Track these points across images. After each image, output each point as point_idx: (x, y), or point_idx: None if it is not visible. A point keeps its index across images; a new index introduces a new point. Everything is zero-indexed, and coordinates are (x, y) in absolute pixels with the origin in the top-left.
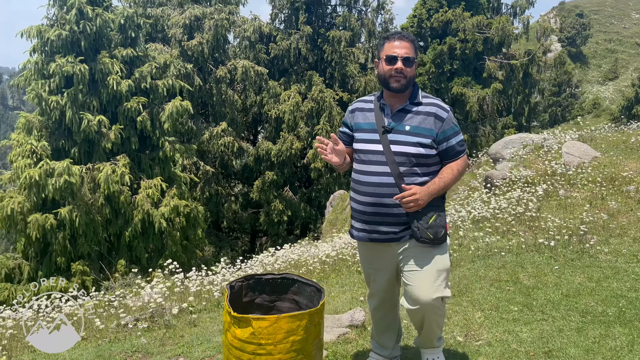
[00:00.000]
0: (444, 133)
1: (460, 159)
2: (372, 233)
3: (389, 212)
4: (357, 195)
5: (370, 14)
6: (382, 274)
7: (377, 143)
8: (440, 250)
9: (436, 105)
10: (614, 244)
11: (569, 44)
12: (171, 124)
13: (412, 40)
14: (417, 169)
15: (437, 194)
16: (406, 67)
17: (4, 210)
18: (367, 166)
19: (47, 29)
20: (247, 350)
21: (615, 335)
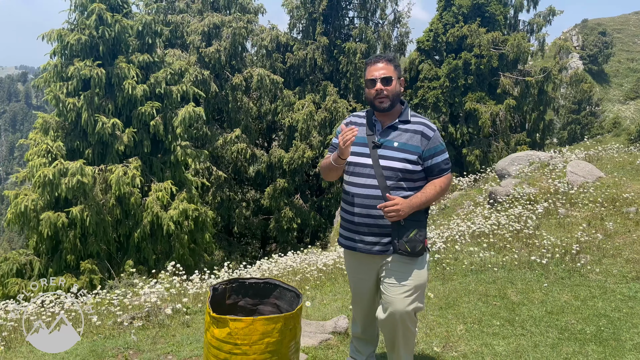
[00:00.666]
0: (430, 151)
1: (444, 176)
2: (358, 243)
3: (376, 223)
4: (347, 206)
5: (386, 27)
6: (365, 283)
7: (367, 157)
8: (419, 265)
9: (423, 124)
10: (606, 264)
11: (591, 62)
12: (183, 129)
13: (390, 59)
14: (403, 184)
15: (418, 207)
16: (385, 86)
17: (18, 207)
18: (356, 178)
19: (68, 33)
20: (224, 349)
21: (587, 352)
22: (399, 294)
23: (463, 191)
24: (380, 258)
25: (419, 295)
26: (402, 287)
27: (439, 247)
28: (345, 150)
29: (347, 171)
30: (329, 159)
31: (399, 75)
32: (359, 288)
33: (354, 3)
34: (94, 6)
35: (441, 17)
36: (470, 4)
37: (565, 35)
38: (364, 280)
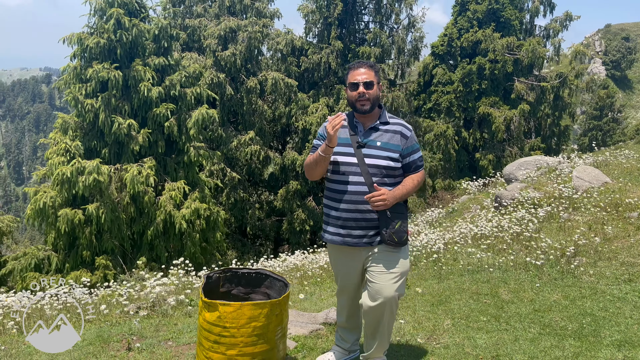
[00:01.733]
0: (408, 149)
1: (419, 172)
2: (346, 237)
3: (363, 217)
4: (334, 203)
5: (400, 31)
6: (352, 274)
7: (352, 156)
8: (402, 255)
9: (401, 125)
10: (600, 267)
11: (614, 68)
12: (197, 131)
13: (372, 65)
14: (387, 180)
15: (401, 198)
16: (367, 89)
17: (37, 204)
18: (343, 177)
19: (87, 37)
20: (214, 332)
21: (565, 346)
22: (387, 281)
23: (472, 195)
24: (366, 250)
25: (403, 281)
26: (390, 274)
27: (438, 248)
28: (334, 137)
29: (333, 170)
30: (315, 155)
31: (378, 81)
32: (345, 280)
33: (369, 8)
34: (113, 11)
35: (456, 22)
36: (485, 9)
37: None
38: (350, 272)
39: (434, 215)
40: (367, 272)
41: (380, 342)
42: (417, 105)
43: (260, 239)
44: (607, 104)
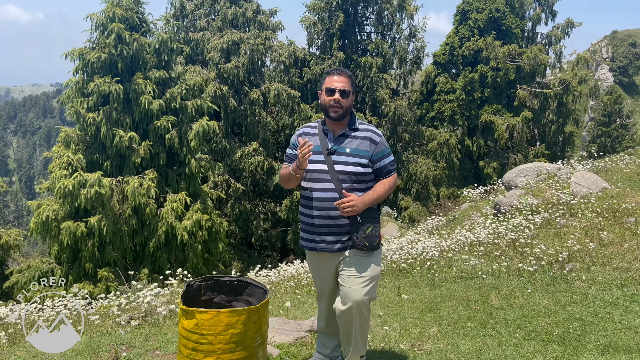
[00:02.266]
0: (378, 154)
1: (391, 176)
2: (319, 243)
3: (335, 223)
4: (307, 210)
5: (402, 41)
6: (327, 279)
7: (322, 163)
8: (374, 259)
9: (370, 131)
10: (593, 272)
11: (621, 74)
12: (197, 142)
13: (349, 75)
14: (357, 185)
15: (371, 204)
16: (343, 98)
17: (40, 217)
18: (314, 184)
19: (89, 52)
20: (191, 339)
21: (548, 351)
22: (356, 284)
23: (473, 203)
24: (339, 255)
25: (374, 285)
26: (360, 278)
27: (432, 255)
28: (304, 162)
29: (305, 178)
30: (288, 169)
31: (353, 91)
32: (322, 285)
33: (371, 18)
34: (113, 26)
35: (457, 30)
36: (486, 17)
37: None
38: (326, 277)
39: (434, 224)
40: (339, 276)
41: (355, 348)
42: (420, 114)
43: (267, 250)
44: (615, 110)
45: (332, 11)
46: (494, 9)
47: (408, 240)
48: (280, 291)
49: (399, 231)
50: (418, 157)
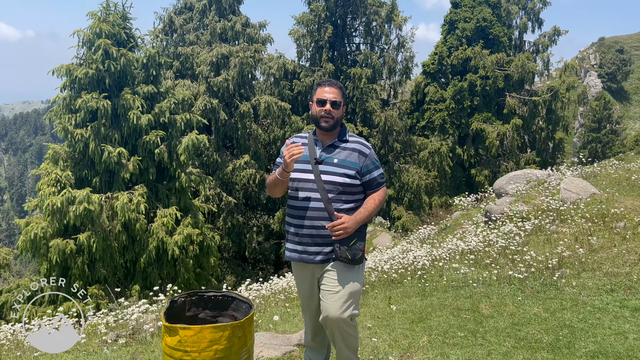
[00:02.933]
0: (367, 167)
1: (380, 189)
2: (302, 254)
3: (319, 234)
4: (291, 219)
5: (391, 51)
6: (311, 292)
7: (309, 172)
8: (355, 273)
9: (360, 143)
10: (583, 278)
11: (609, 80)
12: (187, 156)
13: (340, 87)
14: (343, 196)
15: (363, 222)
16: (333, 109)
17: (29, 235)
18: (300, 193)
19: (76, 68)
20: (175, 356)
21: (537, 359)
22: (333, 301)
23: (464, 211)
24: (321, 267)
25: (354, 301)
26: (337, 295)
27: (423, 265)
28: (290, 164)
29: (291, 187)
30: (274, 175)
31: (344, 103)
32: (306, 297)
33: (359, 30)
34: (100, 41)
35: (445, 40)
36: (474, 26)
37: (582, 54)
38: (309, 289)
39: (427, 233)
40: (320, 291)
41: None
42: (411, 123)
43: (261, 263)
44: (605, 116)
45: (320, 23)
46: (481, 19)
47: (400, 250)
48: (270, 305)
49: (392, 241)
50: (410, 166)
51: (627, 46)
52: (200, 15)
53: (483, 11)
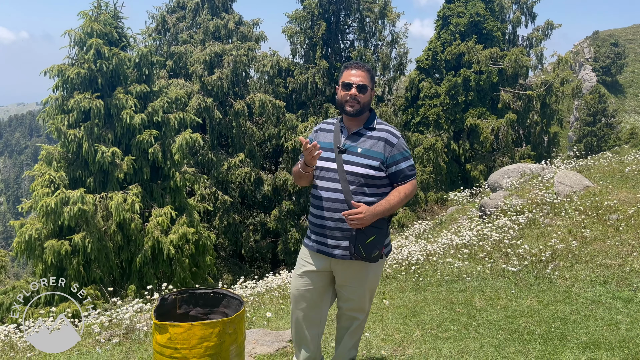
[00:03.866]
0: (393, 157)
1: (409, 182)
2: (320, 245)
3: (337, 226)
4: (313, 209)
5: (385, 48)
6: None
7: (332, 161)
8: (373, 271)
9: (387, 132)
10: (577, 270)
11: (604, 74)
12: (181, 155)
13: (369, 70)
14: (366, 189)
15: (383, 214)
16: (360, 93)
17: (23, 236)
18: (322, 182)
19: (68, 68)
20: (165, 354)
21: (529, 351)
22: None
23: (459, 206)
24: (337, 262)
25: (370, 298)
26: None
27: (417, 260)
28: (312, 160)
29: (315, 175)
30: (297, 168)
31: (372, 87)
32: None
33: (353, 26)
34: (92, 41)
35: (439, 35)
36: (467, 21)
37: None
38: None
39: (421, 228)
40: (336, 285)
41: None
42: (406, 119)
43: (258, 261)
44: (600, 110)
45: (314, 20)
46: (475, 13)
47: (395, 245)
48: (264, 302)
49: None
50: None
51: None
52: (193, 14)
53: (476, 6)
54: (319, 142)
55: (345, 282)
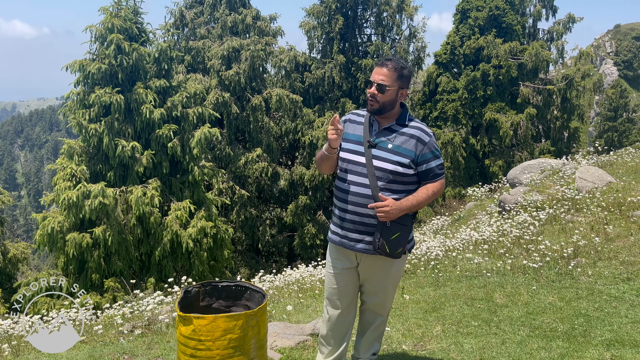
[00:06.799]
0: (424, 156)
1: (437, 181)
2: (343, 238)
3: (362, 221)
4: (337, 202)
5: (402, 42)
6: (348, 280)
7: (361, 155)
8: (396, 267)
9: (420, 130)
10: (599, 267)
11: (625, 68)
12: (200, 150)
13: (394, 67)
14: (394, 186)
15: (409, 210)
16: (379, 92)
17: (46, 229)
18: (348, 175)
19: (89, 63)
20: (189, 345)
21: (552, 347)
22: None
23: (478, 202)
24: (361, 256)
25: (392, 295)
26: (379, 286)
27: (436, 255)
28: (334, 141)
29: (341, 168)
30: (321, 151)
31: (401, 86)
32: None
33: (370, 21)
34: (113, 36)
35: (457, 29)
36: (486, 15)
37: (597, 42)
38: (344, 276)
39: (440, 224)
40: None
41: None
42: (423, 114)
43: (274, 256)
44: (621, 105)
45: (331, 15)
46: (494, 7)
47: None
48: (283, 296)
49: None
50: None
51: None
52: (211, 9)
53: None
54: (347, 134)
55: (368, 276)
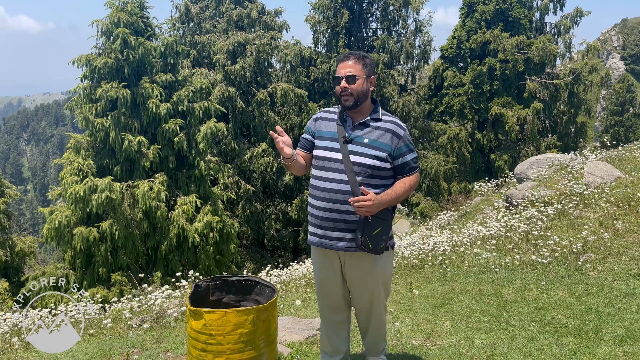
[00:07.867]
0: (400, 150)
1: (413, 174)
2: (322, 238)
3: (342, 218)
4: (314, 200)
5: (408, 36)
6: (334, 281)
7: (337, 152)
8: (382, 262)
9: (394, 123)
10: (609, 262)
11: (633, 62)
12: (206, 144)
13: (358, 57)
14: (372, 180)
15: (388, 204)
16: (350, 84)
17: (53, 223)
18: (325, 172)
19: (95, 58)
20: (200, 339)
21: (563, 343)
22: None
23: (484, 197)
24: (344, 255)
25: (384, 289)
26: (366, 286)
27: (444, 250)
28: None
29: (316, 165)
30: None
31: (367, 74)
32: (324, 287)
33: (376, 15)
34: (119, 31)
35: (464, 23)
36: (493, 9)
37: (604, 36)
38: (330, 278)
39: (446, 219)
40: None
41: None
42: (429, 109)
43: (279, 250)
44: (628, 99)
45: (336, 9)
46: (501, 1)
47: (419, 236)
48: (291, 290)
49: (411, 227)
50: (428, 152)
51: None
52: (217, 3)
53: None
54: (320, 131)
55: (354, 277)
